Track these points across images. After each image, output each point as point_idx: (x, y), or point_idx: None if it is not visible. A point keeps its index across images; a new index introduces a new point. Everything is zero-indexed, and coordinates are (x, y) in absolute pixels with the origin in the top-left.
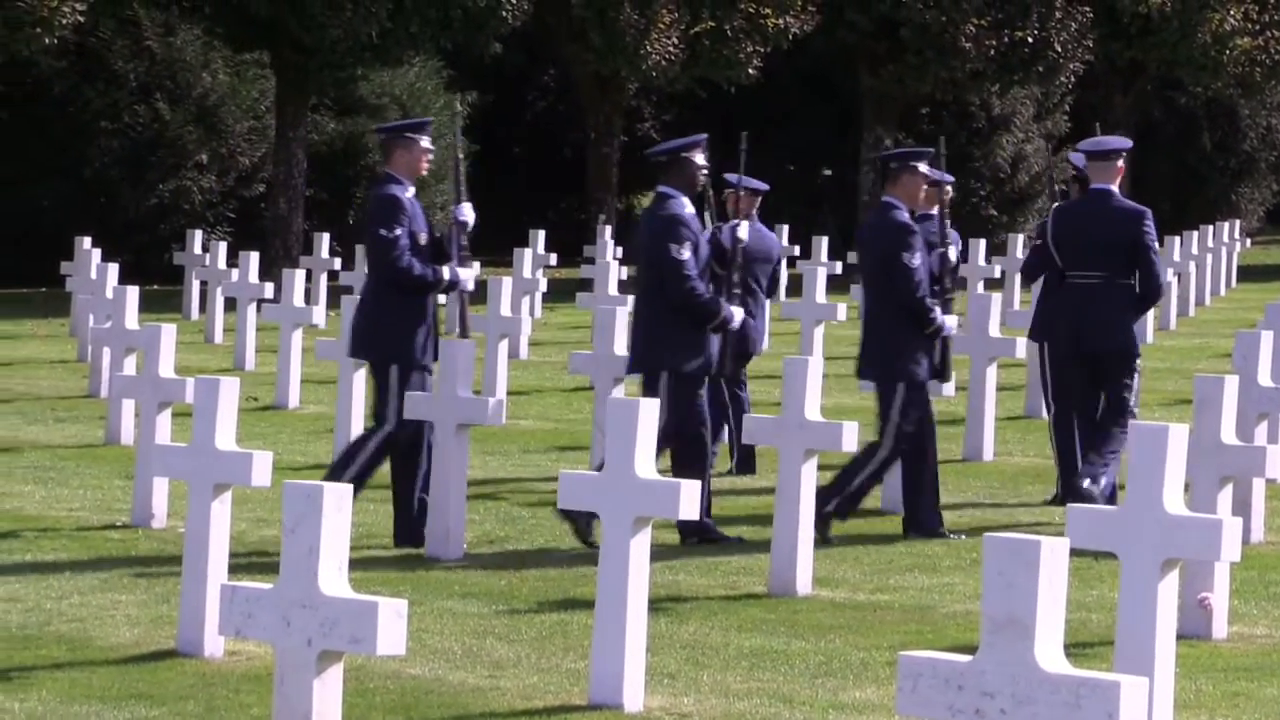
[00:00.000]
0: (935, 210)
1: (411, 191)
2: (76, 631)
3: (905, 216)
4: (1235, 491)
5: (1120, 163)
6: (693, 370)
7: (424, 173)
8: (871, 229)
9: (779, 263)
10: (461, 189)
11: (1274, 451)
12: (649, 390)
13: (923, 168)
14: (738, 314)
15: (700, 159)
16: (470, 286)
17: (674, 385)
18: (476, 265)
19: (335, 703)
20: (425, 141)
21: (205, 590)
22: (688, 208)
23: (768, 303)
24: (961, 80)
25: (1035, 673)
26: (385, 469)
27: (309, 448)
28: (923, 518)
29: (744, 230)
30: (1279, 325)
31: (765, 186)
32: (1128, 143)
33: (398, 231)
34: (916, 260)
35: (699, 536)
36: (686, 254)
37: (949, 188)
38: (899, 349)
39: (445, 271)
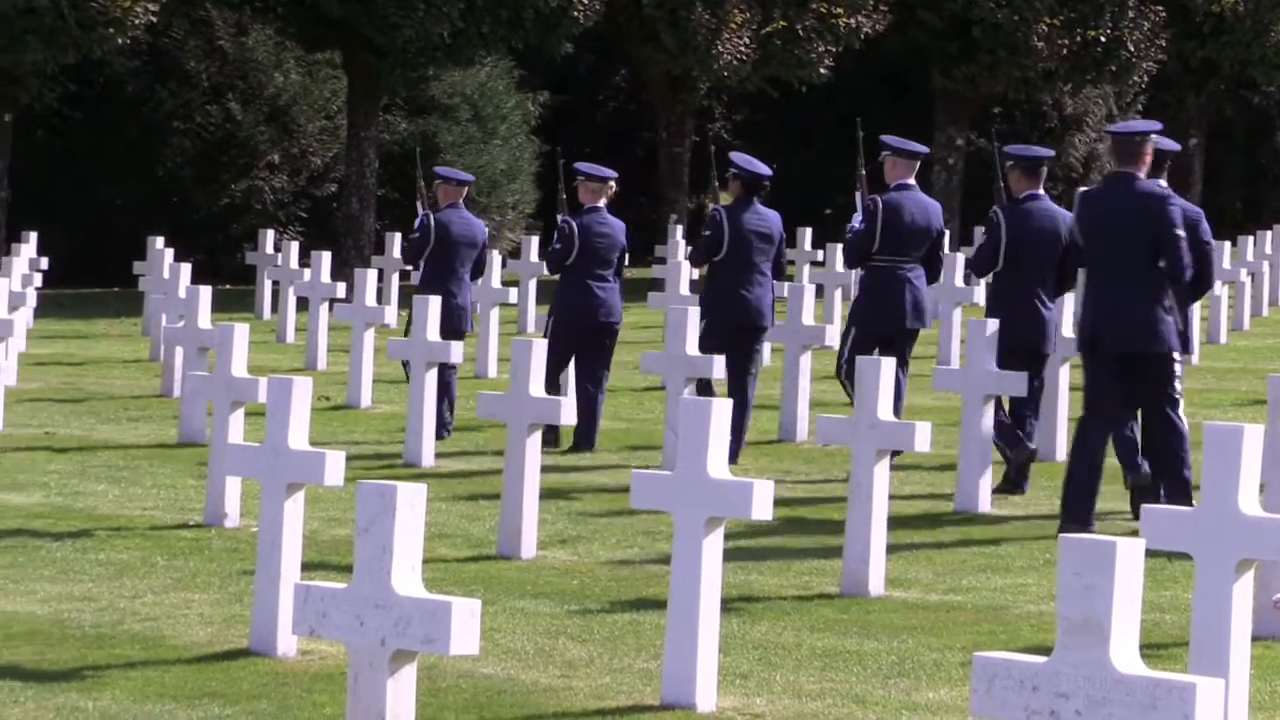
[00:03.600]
0: (601, 203)
1: None
2: (150, 630)
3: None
4: None
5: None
6: None
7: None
8: None
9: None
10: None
11: None
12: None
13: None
14: None
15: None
16: None
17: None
18: None
19: (409, 702)
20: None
21: (278, 589)
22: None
23: None
24: (1034, 80)
25: (1111, 674)
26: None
27: (381, 447)
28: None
29: None
30: None
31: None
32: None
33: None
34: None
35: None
36: None
37: (612, 184)
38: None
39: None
